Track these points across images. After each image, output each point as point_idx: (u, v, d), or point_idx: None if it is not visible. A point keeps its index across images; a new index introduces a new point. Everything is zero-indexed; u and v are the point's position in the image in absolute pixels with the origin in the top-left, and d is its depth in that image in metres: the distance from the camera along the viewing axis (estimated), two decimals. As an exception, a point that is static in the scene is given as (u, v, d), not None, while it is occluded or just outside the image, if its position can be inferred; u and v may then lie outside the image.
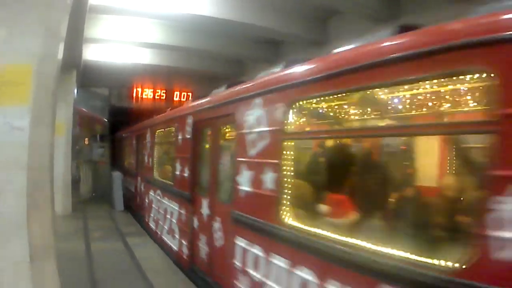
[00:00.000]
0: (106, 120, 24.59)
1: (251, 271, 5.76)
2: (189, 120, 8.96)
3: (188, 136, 8.94)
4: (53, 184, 5.28)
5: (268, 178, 5.39)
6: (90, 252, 10.32)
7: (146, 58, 17.65)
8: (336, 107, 6.18)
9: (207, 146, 8.38)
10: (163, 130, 12.23)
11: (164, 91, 22.50)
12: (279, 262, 5.09)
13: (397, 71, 3.72)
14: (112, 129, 24.21)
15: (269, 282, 5.27)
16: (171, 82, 22.17)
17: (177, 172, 9.63)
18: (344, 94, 4.92)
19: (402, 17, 10.81)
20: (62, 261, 5.52)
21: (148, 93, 22.24)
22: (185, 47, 15.91)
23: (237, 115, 6.42)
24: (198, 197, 8.40)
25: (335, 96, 5.09)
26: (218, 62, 19.39)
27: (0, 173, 4.61)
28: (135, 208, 15.74)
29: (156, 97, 22.37)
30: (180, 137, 9.63)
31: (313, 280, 4.42)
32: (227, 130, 7.52)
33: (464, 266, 3.01)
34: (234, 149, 6.56)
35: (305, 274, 4.57)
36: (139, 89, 22.02)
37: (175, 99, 22.51)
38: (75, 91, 17.20)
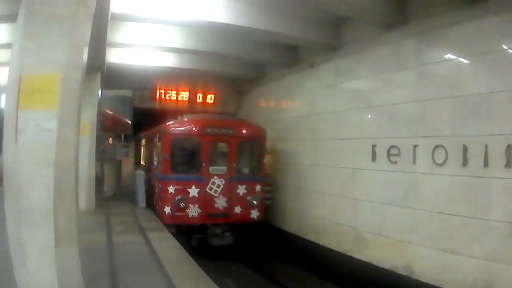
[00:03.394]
0: (129, 121, 25.10)
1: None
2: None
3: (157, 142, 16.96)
4: (78, 179, 5.81)
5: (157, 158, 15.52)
6: (111, 244, 10.88)
7: (168, 61, 18.01)
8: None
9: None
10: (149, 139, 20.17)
11: (187, 93, 22.77)
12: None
13: None
14: (136, 129, 24.61)
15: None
16: (194, 84, 22.48)
17: (152, 160, 18.20)
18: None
19: (410, 23, 11.09)
20: (84, 251, 6.05)
21: (171, 95, 22.38)
22: (205, 51, 16.19)
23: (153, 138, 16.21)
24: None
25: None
26: (238, 65, 19.65)
27: (30, 167, 5.15)
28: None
29: (179, 98, 22.64)
30: (155, 142, 17.55)
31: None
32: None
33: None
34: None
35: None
36: (162, 91, 22.26)
37: (198, 100, 22.86)
38: (100, 92, 17.76)
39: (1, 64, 18.04)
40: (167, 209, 14.44)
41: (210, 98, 23.08)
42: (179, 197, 14.36)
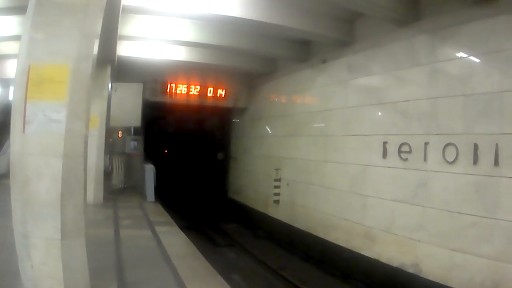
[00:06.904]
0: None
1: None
2: None
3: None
4: (86, 171, 5.75)
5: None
6: (119, 238, 10.84)
7: (180, 55, 17.94)
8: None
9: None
10: None
11: (198, 87, 22.55)
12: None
13: None
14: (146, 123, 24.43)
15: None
16: (205, 78, 22.36)
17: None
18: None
19: (423, 19, 11.02)
20: (91, 245, 6.01)
21: (182, 89, 22.24)
22: (217, 45, 16.08)
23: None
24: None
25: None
26: (250, 59, 19.48)
27: (38, 158, 5.11)
28: None
29: (190, 92, 22.52)
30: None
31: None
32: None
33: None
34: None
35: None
36: (173, 85, 22.15)
37: (208, 95, 22.71)
38: (110, 85, 17.72)
39: (10, 56, 18.19)
40: None
41: (221, 93, 22.96)
42: None
